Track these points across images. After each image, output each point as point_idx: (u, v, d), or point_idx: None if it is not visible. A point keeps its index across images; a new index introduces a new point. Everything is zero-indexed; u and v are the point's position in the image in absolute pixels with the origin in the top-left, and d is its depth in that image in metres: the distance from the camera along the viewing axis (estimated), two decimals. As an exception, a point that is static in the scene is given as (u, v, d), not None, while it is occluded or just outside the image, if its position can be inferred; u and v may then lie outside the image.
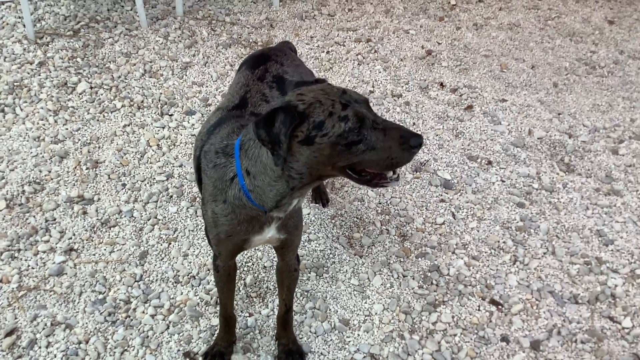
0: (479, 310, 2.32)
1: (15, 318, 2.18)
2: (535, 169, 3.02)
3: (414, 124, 3.31)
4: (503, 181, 2.94)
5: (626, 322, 2.29)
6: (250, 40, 4.04)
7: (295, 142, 1.48)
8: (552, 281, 2.45)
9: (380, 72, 3.77)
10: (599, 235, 2.66)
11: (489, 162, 3.05)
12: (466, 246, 2.58)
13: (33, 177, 2.78)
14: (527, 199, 2.84)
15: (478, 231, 2.66)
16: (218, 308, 2.20)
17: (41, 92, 3.37)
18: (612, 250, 2.59)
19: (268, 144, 1.47)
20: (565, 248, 2.59)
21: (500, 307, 2.33)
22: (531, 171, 3.00)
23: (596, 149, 3.17)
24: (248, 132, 1.59)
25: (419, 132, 1.45)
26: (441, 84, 3.67)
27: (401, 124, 1.44)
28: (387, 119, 3.25)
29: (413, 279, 2.42)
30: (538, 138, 3.24)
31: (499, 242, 2.61)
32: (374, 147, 1.48)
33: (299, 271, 2.01)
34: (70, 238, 2.51)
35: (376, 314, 2.28)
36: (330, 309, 2.29)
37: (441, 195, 2.84)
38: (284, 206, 1.62)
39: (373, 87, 3.61)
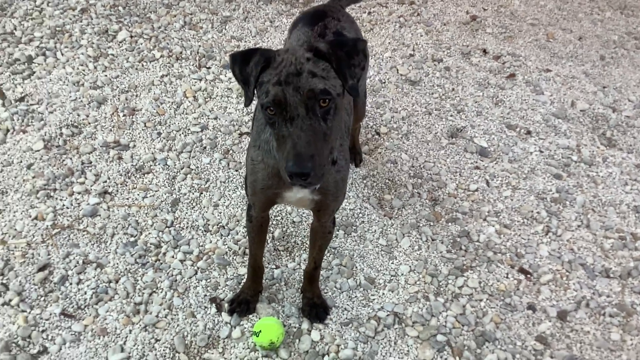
0: (507, 277, 2.29)
1: (49, 254, 2.23)
2: (575, 142, 2.95)
3: (453, 89, 3.25)
4: (541, 152, 2.88)
5: (658, 299, 2.24)
6: None
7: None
8: (585, 254, 2.41)
9: (421, 36, 3.70)
10: (636, 211, 2.60)
11: (528, 132, 2.99)
12: (498, 214, 2.55)
13: (71, 121, 2.82)
14: (565, 170, 2.78)
15: (512, 200, 2.62)
16: (247, 258, 2.22)
17: (82, 39, 3.39)
18: None
19: (240, 81, 1.44)
20: (600, 222, 2.54)
21: (529, 275, 2.30)
22: (571, 143, 2.93)
23: (640, 124, 3.08)
24: None
25: (311, 170, 1.32)
26: (484, 51, 3.59)
27: (300, 142, 1.33)
28: (426, 84, 3.20)
29: (442, 243, 2.40)
30: (581, 110, 3.15)
31: (532, 212, 2.56)
32: (280, 139, 1.38)
33: (333, 233, 1.97)
34: (105, 181, 2.54)
35: (402, 274, 2.28)
36: (356, 267, 2.29)
37: (476, 162, 2.80)
38: None
39: (413, 50, 3.55)
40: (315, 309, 2.10)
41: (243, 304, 2.08)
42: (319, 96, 1.36)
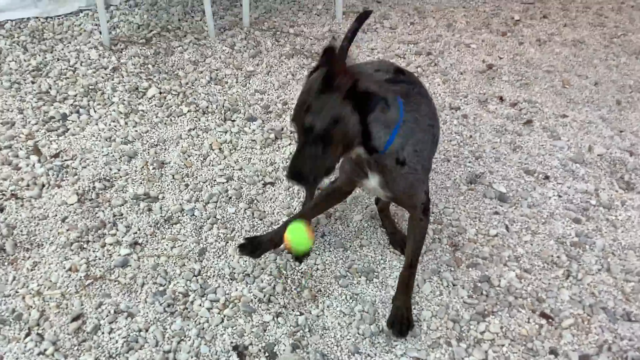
0: (528, 322, 2.32)
1: (82, 305, 2.32)
2: (593, 186, 2.99)
3: (470, 136, 3.33)
4: (560, 196, 2.92)
5: (682, 343, 2.24)
6: (313, 51, 4.15)
7: None
8: (605, 297, 2.42)
9: (439, 85, 3.81)
10: (657, 254, 2.62)
11: (546, 177, 3.04)
12: (518, 259, 2.58)
13: (103, 175, 2.95)
14: (584, 215, 2.82)
15: (532, 245, 2.65)
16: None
17: (114, 96, 3.56)
18: (670, 270, 2.54)
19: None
20: (620, 265, 2.56)
21: (550, 320, 2.33)
22: (589, 187, 2.97)
23: (658, 167, 3.11)
24: None
25: (299, 180, 1.81)
26: (501, 98, 3.68)
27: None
28: (444, 131, 3.29)
29: (463, 288, 2.45)
30: (598, 155, 3.20)
31: (552, 256, 2.60)
32: None
33: (425, 222, 2.15)
34: (136, 233, 2.64)
35: (424, 320, 2.31)
36: (378, 313, 2.34)
37: (495, 207, 2.85)
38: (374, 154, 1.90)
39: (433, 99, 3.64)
40: (401, 322, 2.18)
41: (254, 243, 2.37)
42: (310, 129, 1.76)
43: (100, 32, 4.17)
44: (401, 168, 1.93)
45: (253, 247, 2.38)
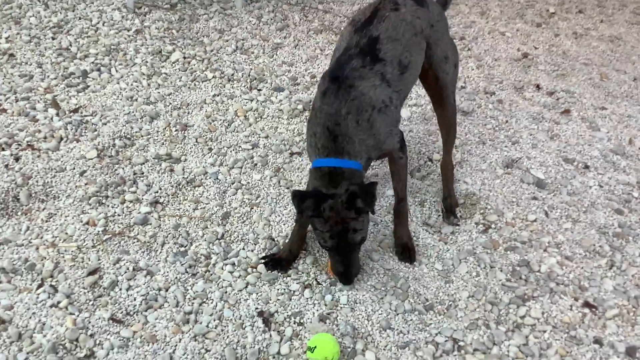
0: (571, 309, 2.18)
1: (99, 259, 2.18)
2: (635, 178, 2.85)
3: (506, 121, 3.19)
4: (601, 186, 2.78)
5: None
6: (342, 28, 4.00)
7: None
8: (652, 291, 2.29)
9: (473, 70, 3.67)
10: None
11: (586, 167, 2.90)
12: (559, 246, 2.45)
13: (124, 133, 2.81)
14: (626, 206, 2.68)
15: (572, 232, 2.52)
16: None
17: (136, 57, 3.42)
18: None
19: (296, 207, 2.01)
20: (666, 258, 2.42)
21: (594, 309, 2.19)
22: (631, 179, 2.83)
23: (703, 164, 2.97)
24: None
25: (352, 281, 2.13)
26: (537, 86, 3.54)
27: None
28: (479, 115, 3.15)
29: (501, 271, 2.31)
30: (639, 148, 3.06)
31: (594, 245, 2.46)
32: (333, 256, 2.10)
33: (404, 158, 2.21)
34: (157, 192, 2.51)
35: (460, 299, 2.18)
36: (411, 289, 2.20)
37: (534, 193, 2.71)
38: None
39: (465, 83, 3.51)
40: (406, 249, 2.30)
41: (276, 261, 2.21)
42: (359, 244, 2.06)
43: (125, -5, 4.04)
44: None
45: (276, 263, 2.21)
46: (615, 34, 4.26)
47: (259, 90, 3.28)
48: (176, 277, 2.14)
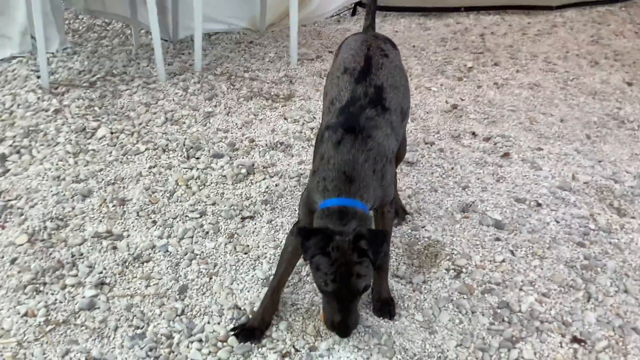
0: (561, 347, 2.09)
1: (44, 354, 1.90)
2: (588, 211, 2.87)
3: (452, 168, 3.18)
4: (557, 222, 2.77)
5: None
6: (272, 94, 3.95)
7: None
8: (633, 318, 2.24)
9: (408, 123, 3.67)
10: (669, 272, 2.48)
11: (539, 204, 2.90)
12: (533, 283, 2.38)
13: (55, 214, 2.56)
14: (586, 239, 2.67)
15: (542, 269, 2.46)
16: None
17: (58, 137, 3.21)
18: (687, 288, 2.40)
19: (300, 245, 1.82)
20: (637, 286, 2.40)
21: (583, 344, 2.11)
22: (584, 213, 2.85)
23: (646, 192, 3.04)
24: None
25: (349, 334, 1.91)
26: (473, 133, 3.58)
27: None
28: (424, 164, 3.12)
29: (483, 315, 2.20)
30: (584, 183, 3.11)
31: (566, 279, 2.41)
32: (327, 307, 1.90)
33: (392, 212, 2.16)
34: (101, 272, 2.26)
35: (448, 350, 2.04)
36: (397, 345, 2.04)
37: (495, 234, 2.66)
38: None
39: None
40: (386, 304, 2.16)
41: (248, 332, 2.02)
42: (362, 292, 1.84)
43: (38, 76, 3.84)
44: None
45: (248, 333, 2.03)
46: (533, 81, 4.43)
47: (197, 158, 3.12)
48: (137, 363, 1.88)
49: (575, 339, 2.12)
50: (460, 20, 5.76)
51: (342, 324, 1.84)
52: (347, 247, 1.77)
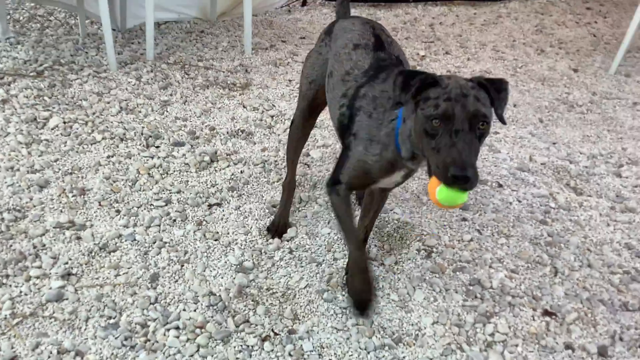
0: (534, 320, 2.13)
1: (12, 347, 1.81)
2: (547, 191, 2.94)
3: (414, 153, 3.20)
4: (519, 201, 2.84)
5: (685, 325, 2.15)
6: (228, 82, 3.89)
7: (417, 102, 1.60)
8: (598, 290, 2.31)
9: (368, 109, 3.68)
10: (628, 247, 2.57)
11: (500, 185, 2.96)
12: (501, 260, 2.42)
13: (12, 205, 2.45)
14: (548, 217, 2.74)
15: (509, 247, 2.51)
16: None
17: (8, 127, 3.06)
18: (645, 260, 2.50)
19: (398, 88, 1.59)
20: (600, 260, 2.48)
21: (554, 317, 2.16)
22: (544, 192, 2.92)
23: (600, 172, 3.14)
24: None
25: (472, 176, 1.46)
26: (432, 119, 3.61)
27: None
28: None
29: (456, 292, 2.23)
30: (541, 163, 3.19)
31: (532, 256, 2.46)
32: (438, 151, 1.52)
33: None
34: (66, 263, 2.17)
35: (425, 327, 2.05)
36: (375, 324, 2.04)
37: (461, 214, 2.70)
38: (417, 160, 1.75)
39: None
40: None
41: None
42: (481, 118, 1.52)
43: (-19, 66, 3.66)
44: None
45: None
46: (484, 68, 4.52)
47: (157, 147, 3.04)
48: (112, 354, 1.82)
49: (546, 312, 2.17)
50: (409, 10, 5.83)
51: (463, 162, 1.46)
52: (461, 79, 1.59)
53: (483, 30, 5.42)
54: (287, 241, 2.41)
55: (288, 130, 2.38)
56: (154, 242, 2.32)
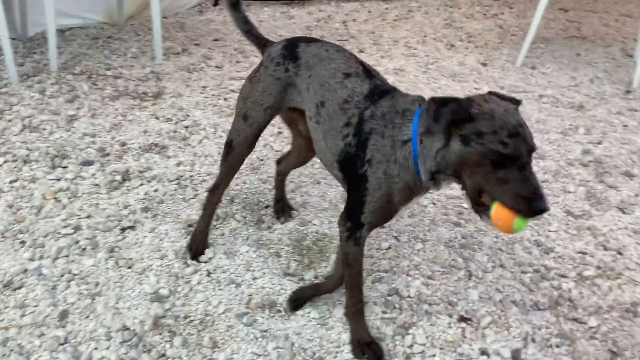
0: (450, 327, 2.18)
1: None
2: (460, 191, 3.00)
3: (331, 159, 3.20)
4: (434, 204, 2.89)
5: (591, 321, 2.26)
6: (139, 92, 3.78)
7: (455, 133, 1.60)
8: (510, 291, 2.39)
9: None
10: (537, 244, 2.67)
11: (415, 188, 3.00)
12: (418, 267, 2.46)
13: None
14: (461, 218, 2.81)
15: (425, 252, 2.56)
16: None
17: None
18: (554, 257, 2.60)
19: (427, 120, 1.60)
20: (511, 259, 2.56)
21: (469, 322, 2.21)
22: (456, 193, 2.99)
23: (509, 168, 3.24)
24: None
25: (547, 206, 1.56)
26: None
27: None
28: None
29: (375, 304, 2.25)
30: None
31: (448, 259, 2.52)
32: (506, 183, 1.56)
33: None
34: (-34, 305, 2.05)
35: (345, 343, 2.06)
36: (296, 346, 2.03)
37: (378, 222, 2.72)
38: (438, 182, 1.76)
39: (280, 128, 3.48)
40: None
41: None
42: (534, 150, 1.60)
43: None
44: None
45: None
46: (397, 66, 4.58)
47: (65, 167, 2.91)
48: (21, 403, 1.73)
49: (462, 318, 2.22)
50: (322, 8, 5.84)
51: (537, 190, 1.56)
52: (498, 101, 1.64)
53: (395, 25, 5.49)
54: (205, 263, 2.36)
55: (223, 156, 2.27)
56: (62, 275, 2.22)
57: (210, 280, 2.28)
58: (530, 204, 1.54)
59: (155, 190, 2.78)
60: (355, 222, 1.87)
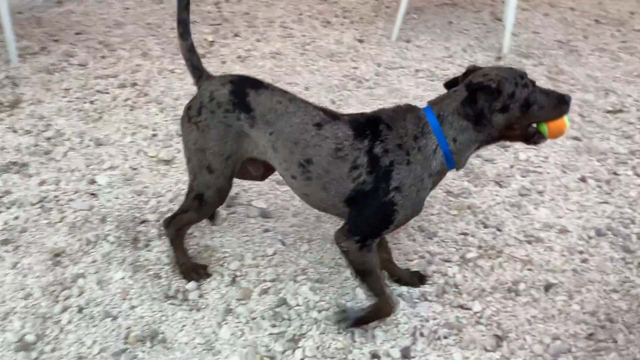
0: (339, 333, 2.15)
1: None
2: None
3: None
4: (318, 199, 2.84)
5: (475, 306, 2.30)
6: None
7: (495, 112, 1.88)
8: (395, 284, 2.39)
9: (157, 114, 3.48)
10: (420, 230, 2.69)
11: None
12: (305, 271, 2.42)
13: None
14: (346, 211, 2.78)
15: (312, 253, 2.51)
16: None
17: None
18: (437, 242, 2.63)
19: (473, 117, 1.87)
20: (397, 248, 2.57)
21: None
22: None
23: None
24: (443, 109, 1.93)
25: (568, 94, 1.95)
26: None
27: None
28: (181, 161, 2.97)
29: (263, 319, 2.18)
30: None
31: (335, 259, 2.48)
32: (542, 106, 1.92)
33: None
34: None
35: (235, 368, 1.99)
36: (183, 378, 1.93)
37: (263, 224, 2.65)
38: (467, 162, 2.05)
39: (154, 130, 3.30)
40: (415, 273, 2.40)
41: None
42: None
43: None
44: None
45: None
46: (274, 50, 4.46)
47: None
48: None
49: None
50: (193, -11, 5.56)
51: (555, 91, 1.98)
52: (495, 69, 1.97)
53: (270, 4, 5.34)
54: (77, 297, 2.20)
55: (194, 208, 2.18)
56: None
57: (83, 317, 2.12)
58: (563, 103, 1.94)
59: (16, 218, 2.56)
60: (367, 237, 1.98)
